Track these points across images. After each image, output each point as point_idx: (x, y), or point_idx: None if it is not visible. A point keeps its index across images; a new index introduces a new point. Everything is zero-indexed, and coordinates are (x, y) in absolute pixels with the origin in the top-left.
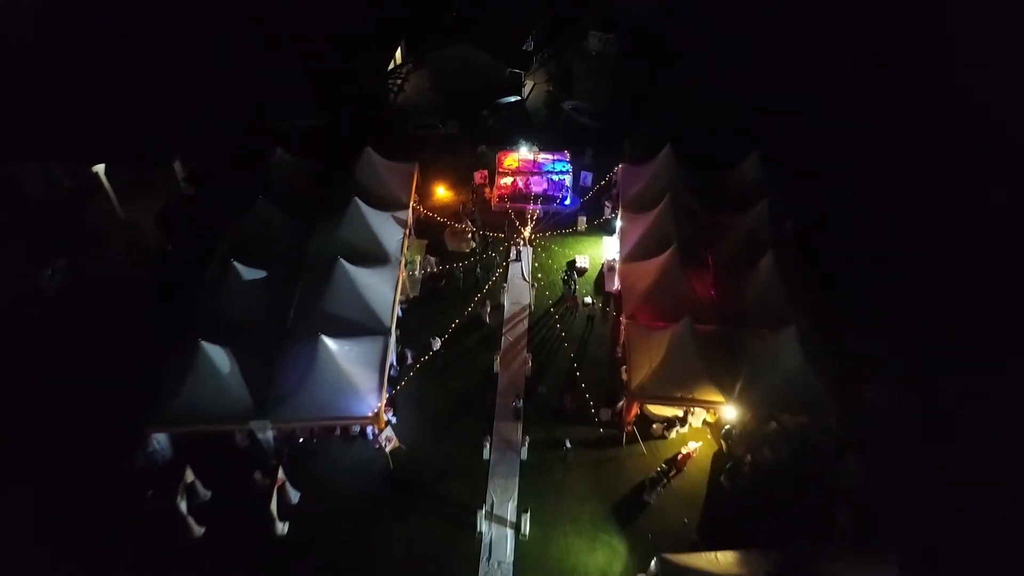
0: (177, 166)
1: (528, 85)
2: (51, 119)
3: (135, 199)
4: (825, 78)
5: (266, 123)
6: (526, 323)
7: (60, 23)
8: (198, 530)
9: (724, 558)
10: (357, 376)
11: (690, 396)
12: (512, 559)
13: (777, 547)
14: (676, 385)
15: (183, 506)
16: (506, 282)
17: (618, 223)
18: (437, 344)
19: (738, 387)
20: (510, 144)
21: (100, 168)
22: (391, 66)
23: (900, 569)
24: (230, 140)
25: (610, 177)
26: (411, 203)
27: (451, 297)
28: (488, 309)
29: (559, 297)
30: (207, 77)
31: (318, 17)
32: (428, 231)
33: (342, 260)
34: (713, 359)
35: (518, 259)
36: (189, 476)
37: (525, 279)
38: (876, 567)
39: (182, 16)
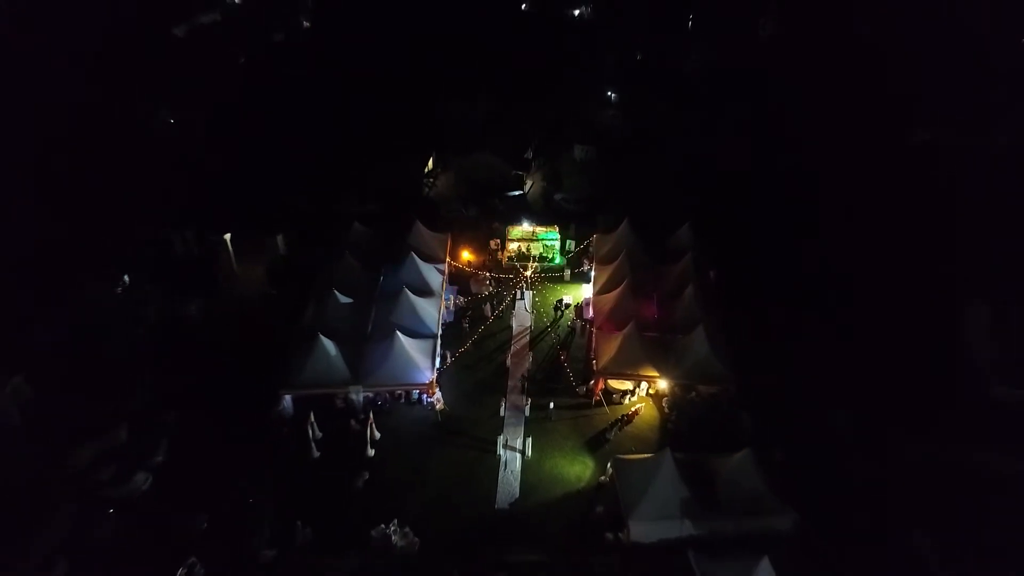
0: (280, 237)
1: (528, 183)
2: (194, 202)
3: (249, 259)
4: (740, 176)
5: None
6: (528, 336)
7: (200, 142)
8: (316, 453)
9: (652, 456)
10: (418, 359)
11: (637, 373)
12: (520, 469)
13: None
14: (627, 366)
15: (311, 433)
16: (514, 310)
17: (592, 274)
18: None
19: (668, 367)
20: (516, 222)
21: (227, 236)
22: (426, 170)
23: (752, 452)
24: (318, 221)
25: (587, 243)
26: (446, 260)
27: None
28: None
29: (552, 320)
30: (302, 181)
31: (376, 143)
32: (458, 279)
33: (407, 290)
34: (651, 350)
35: (522, 297)
36: (311, 417)
37: (527, 310)
38: (736, 455)
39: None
